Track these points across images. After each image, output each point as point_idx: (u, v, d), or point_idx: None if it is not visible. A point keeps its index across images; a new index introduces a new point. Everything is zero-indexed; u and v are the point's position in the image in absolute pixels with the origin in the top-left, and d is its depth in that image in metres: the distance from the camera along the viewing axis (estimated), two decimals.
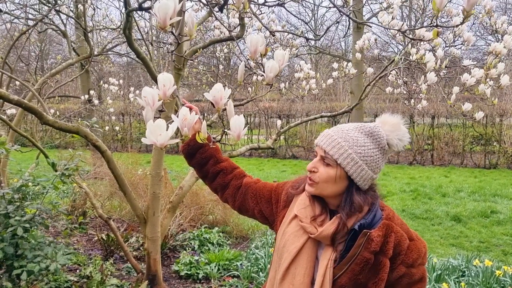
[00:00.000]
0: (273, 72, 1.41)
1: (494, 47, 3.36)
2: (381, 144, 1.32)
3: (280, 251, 1.38)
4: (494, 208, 7.01)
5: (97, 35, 9.02)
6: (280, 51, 1.45)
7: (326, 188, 1.34)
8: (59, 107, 12.83)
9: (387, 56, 15.68)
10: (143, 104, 1.25)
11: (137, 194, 5.36)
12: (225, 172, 1.60)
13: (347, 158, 1.29)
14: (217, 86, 1.32)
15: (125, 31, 2.89)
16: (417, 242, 1.37)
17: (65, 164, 3.16)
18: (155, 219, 3.47)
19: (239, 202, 1.59)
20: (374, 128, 1.33)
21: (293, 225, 1.38)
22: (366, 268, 1.26)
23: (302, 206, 1.38)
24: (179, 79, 3.38)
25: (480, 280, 3.60)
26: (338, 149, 1.30)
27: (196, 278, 3.87)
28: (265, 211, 1.54)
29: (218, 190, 1.63)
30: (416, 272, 1.36)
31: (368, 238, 1.26)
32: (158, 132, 1.14)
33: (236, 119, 1.32)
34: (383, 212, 1.34)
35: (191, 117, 1.24)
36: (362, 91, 4.39)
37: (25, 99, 4.73)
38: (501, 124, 11.33)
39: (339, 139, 1.32)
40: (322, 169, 1.33)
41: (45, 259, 2.86)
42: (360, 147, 1.30)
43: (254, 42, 1.43)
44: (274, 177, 9.61)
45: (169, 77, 1.27)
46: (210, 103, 1.38)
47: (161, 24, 1.27)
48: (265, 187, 1.57)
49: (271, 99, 14.45)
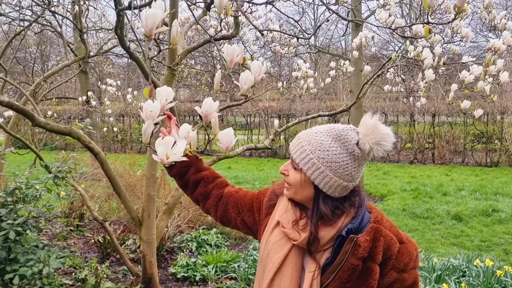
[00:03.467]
0: (247, 84, 1.39)
1: (493, 44, 3.31)
2: (349, 148, 1.20)
3: (263, 262, 1.31)
4: (495, 207, 6.95)
5: (95, 36, 8.99)
6: (257, 62, 1.42)
7: (297, 193, 1.28)
8: (56, 109, 12.80)
9: (387, 54, 15.62)
10: (145, 118, 1.24)
11: (134, 195, 5.32)
12: (206, 181, 1.53)
13: (307, 163, 1.22)
14: (208, 101, 1.34)
15: (116, 31, 2.84)
16: (408, 245, 1.31)
17: (58, 166, 3.12)
18: (151, 221, 3.43)
19: (220, 213, 1.52)
20: (343, 130, 1.21)
21: (276, 233, 1.31)
22: (354, 275, 1.20)
23: (284, 211, 1.32)
24: (173, 79, 3.34)
25: (481, 281, 3.55)
26: (300, 153, 1.24)
27: (193, 280, 3.83)
28: (248, 220, 1.48)
29: (199, 200, 1.56)
30: (408, 277, 1.31)
31: (355, 244, 1.19)
32: (170, 150, 1.18)
33: (226, 132, 1.34)
34: (370, 215, 1.27)
35: (193, 134, 1.29)
36: (360, 89, 4.34)
37: (21, 101, 4.70)
38: (502, 121, 11.26)
39: (304, 142, 1.25)
40: (291, 173, 1.28)
41: (38, 263, 2.82)
42: (324, 151, 1.20)
43: (230, 52, 1.42)
44: (274, 177, 9.56)
45: (170, 91, 1.29)
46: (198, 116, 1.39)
47: (148, 33, 1.28)
48: (246, 195, 1.51)
49: (270, 98, 14.41)
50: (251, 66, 1.38)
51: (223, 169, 10.92)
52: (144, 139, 1.26)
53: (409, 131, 12.45)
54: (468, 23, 8.80)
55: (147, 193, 3.41)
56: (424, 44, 3.90)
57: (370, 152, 1.21)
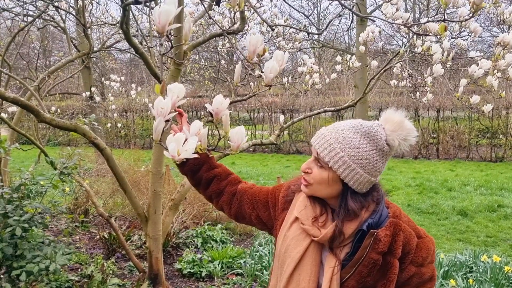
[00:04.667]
0: (273, 73, 1.37)
1: (503, 38, 3.26)
2: (379, 145, 1.21)
3: (281, 257, 1.31)
4: (501, 202, 6.91)
5: (98, 32, 8.96)
6: (279, 52, 1.40)
7: (320, 190, 1.27)
8: (60, 105, 12.80)
9: (391, 49, 15.52)
10: (156, 114, 1.23)
11: (139, 191, 5.32)
12: (219, 178, 1.52)
13: (338, 161, 1.20)
14: (219, 98, 1.31)
15: (122, 26, 2.83)
16: (426, 239, 1.32)
17: (64, 162, 3.10)
18: (157, 217, 3.42)
19: (235, 209, 1.52)
20: (372, 127, 1.22)
21: (294, 229, 1.31)
22: (374, 269, 1.20)
23: (302, 207, 1.31)
24: (179, 75, 3.32)
25: (488, 277, 3.53)
26: (330, 151, 1.21)
27: (199, 277, 3.82)
28: (263, 216, 1.47)
29: (212, 197, 1.55)
30: (426, 271, 1.31)
31: (375, 238, 1.20)
32: (180, 147, 1.17)
33: (237, 130, 1.31)
34: (389, 210, 1.28)
35: (204, 131, 1.26)
36: (366, 84, 4.30)
37: (25, 96, 4.69)
38: (507, 116, 11.18)
39: (331, 140, 1.22)
40: (315, 171, 1.26)
41: (44, 259, 2.82)
42: (354, 149, 1.20)
43: (254, 42, 1.39)
44: (278, 172, 9.55)
45: (181, 88, 1.27)
46: (209, 113, 1.36)
47: (160, 29, 1.26)
48: (261, 191, 1.50)
49: (274, 94, 14.36)
50: (274, 55, 1.36)
51: (227, 164, 10.78)
52: (155, 136, 1.24)
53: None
54: (475, 18, 8.68)
55: (153, 189, 3.40)
56: (431, 39, 3.86)
57: (397, 148, 1.23)
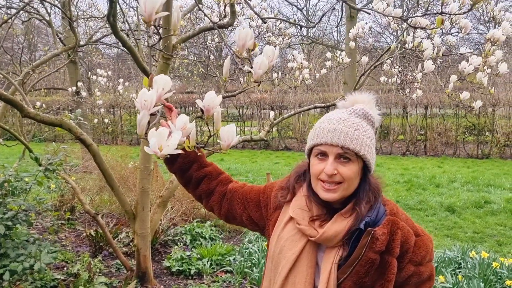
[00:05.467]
0: (262, 69, 1.32)
1: (492, 34, 3.26)
2: (374, 124, 1.30)
3: (275, 258, 1.26)
4: (487, 198, 6.99)
5: (85, 26, 8.80)
6: (270, 47, 1.35)
7: (351, 186, 1.23)
8: (45, 100, 12.57)
9: (380, 46, 15.58)
10: (139, 107, 1.16)
11: (127, 188, 5.24)
12: (210, 177, 1.47)
13: (366, 147, 1.23)
14: (211, 94, 1.26)
15: (109, 18, 2.74)
16: (424, 237, 1.29)
17: (49, 158, 3.02)
18: (145, 215, 3.36)
19: (225, 210, 1.47)
20: (364, 110, 1.28)
21: (288, 229, 1.27)
22: (372, 269, 1.17)
23: (298, 207, 1.27)
24: (168, 69, 3.25)
25: (477, 272, 3.55)
26: (356, 140, 1.21)
27: (188, 274, 3.77)
28: (254, 216, 1.42)
29: (202, 197, 1.50)
30: (425, 270, 1.29)
31: (372, 237, 1.16)
32: (163, 142, 1.10)
33: (227, 129, 1.27)
34: (386, 207, 1.25)
35: (190, 126, 1.20)
36: (356, 81, 4.29)
37: (9, 91, 4.56)
38: (494, 114, 11.32)
39: (349, 129, 1.22)
40: (342, 168, 1.21)
41: (28, 258, 2.75)
42: (366, 131, 1.25)
43: (243, 36, 1.34)
44: (267, 169, 9.52)
45: (167, 80, 1.21)
46: (200, 109, 1.30)
47: (147, 18, 1.21)
48: (252, 190, 1.45)
49: (263, 90, 14.31)
50: (264, 51, 1.31)
51: (215, 161, 10.81)
52: (139, 131, 1.18)
53: (402, 123, 12.46)
54: (465, 15, 8.77)
55: (141, 186, 3.34)
56: (421, 35, 3.86)
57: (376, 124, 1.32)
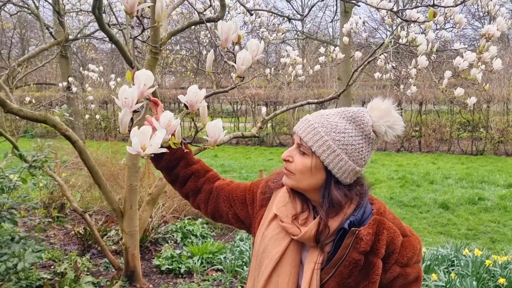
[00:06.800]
0: (245, 64, 1.26)
1: (487, 30, 3.21)
2: (365, 131, 1.14)
3: (259, 257, 1.22)
4: (481, 195, 6.98)
5: (75, 20, 8.67)
6: (254, 41, 1.29)
7: (302, 180, 1.17)
8: (36, 95, 12.42)
9: (375, 42, 15.53)
10: (120, 105, 1.10)
11: (117, 185, 5.16)
12: (197, 175, 1.43)
13: (322, 145, 1.13)
14: (193, 88, 1.20)
15: (94, 11, 2.65)
16: (411, 238, 1.24)
17: (34, 155, 2.95)
18: (133, 213, 3.29)
19: (211, 208, 1.43)
20: (358, 112, 1.16)
21: (272, 227, 1.23)
22: (356, 270, 1.13)
23: (282, 204, 1.23)
24: (156, 64, 3.18)
25: (470, 270, 3.52)
26: (314, 135, 1.14)
27: (178, 273, 3.71)
28: (240, 214, 1.38)
29: (189, 195, 1.46)
30: (411, 272, 1.24)
31: (356, 237, 1.12)
32: (147, 141, 1.03)
33: (214, 124, 1.21)
34: (373, 207, 1.20)
35: (175, 123, 1.14)
36: (350, 76, 4.23)
37: None
38: (488, 110, 11.32)
39: (316, 124, 1.15)
40: (297, 158, 1.18)
41: (12, 257, 2.68)
42: (340, 133, 1.13)
43: (226, 30, 1.28)
44: (261, 165, 9.46)
45: (149, 75, 1.14)
46: (184, 105, 1.24)
47: (129, 9, 1.17)
48: (238, 187, 1.41)
49: (257, 86, 14.23)
50: (248, 45, 1.25)
51: (209, 157, 10.77)
52: (122, 129, 1.11)
53: None
54: (460, 9, 8.72)
55: (129, 184, 3.27)
56: (416, 30, 3.80)
57: (383, 136, 1.16)
